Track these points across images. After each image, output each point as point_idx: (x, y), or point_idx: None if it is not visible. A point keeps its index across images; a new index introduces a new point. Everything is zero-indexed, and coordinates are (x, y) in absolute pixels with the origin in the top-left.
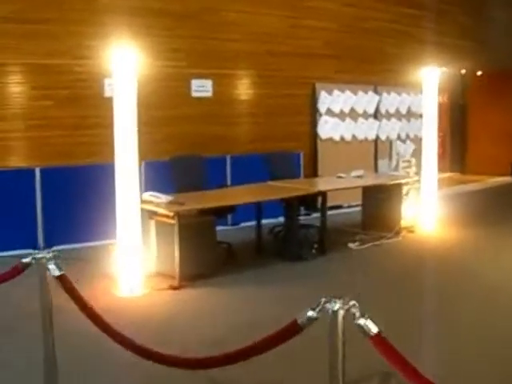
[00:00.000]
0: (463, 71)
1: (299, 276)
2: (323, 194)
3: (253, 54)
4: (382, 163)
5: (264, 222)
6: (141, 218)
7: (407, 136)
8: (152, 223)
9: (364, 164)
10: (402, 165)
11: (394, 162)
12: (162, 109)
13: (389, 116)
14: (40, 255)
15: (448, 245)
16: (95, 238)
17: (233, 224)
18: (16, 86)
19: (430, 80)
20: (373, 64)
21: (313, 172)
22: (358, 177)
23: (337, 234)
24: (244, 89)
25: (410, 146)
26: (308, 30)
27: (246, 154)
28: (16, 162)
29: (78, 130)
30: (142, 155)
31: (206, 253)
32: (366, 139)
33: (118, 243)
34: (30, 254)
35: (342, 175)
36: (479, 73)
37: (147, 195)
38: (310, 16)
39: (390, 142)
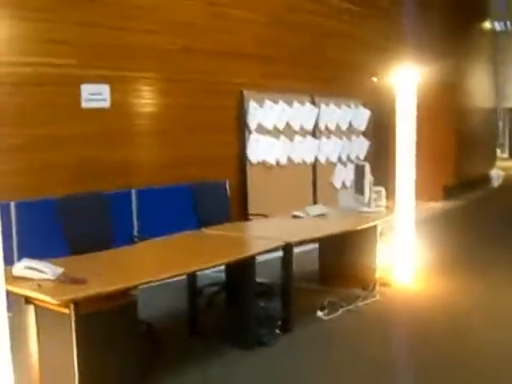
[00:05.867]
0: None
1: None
2: (289, 247)
3: (164, 50)
4: (344, 194)
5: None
6: (10, 301)
7: (348, 158)
8: (30, 311)
9: (303, 194)
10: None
11: (366, 195)
12: (39, 125)
13: (328, 133)
14: None
15: (440, 304)
16: None
17: None
18: None
19: (405, 85)
20: (310, 68)
21: (242, 208)
22: (320, 216)
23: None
24: (152, 98)
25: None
26: (233, 22)
27: (156, 186)
28: None
29: None
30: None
31: (124, 356)
32: (303, 162)
33: None
34: None
35: (299, 214)
36: None
37: (20, 267)
38: (236, 4)
39: (361, 167)
